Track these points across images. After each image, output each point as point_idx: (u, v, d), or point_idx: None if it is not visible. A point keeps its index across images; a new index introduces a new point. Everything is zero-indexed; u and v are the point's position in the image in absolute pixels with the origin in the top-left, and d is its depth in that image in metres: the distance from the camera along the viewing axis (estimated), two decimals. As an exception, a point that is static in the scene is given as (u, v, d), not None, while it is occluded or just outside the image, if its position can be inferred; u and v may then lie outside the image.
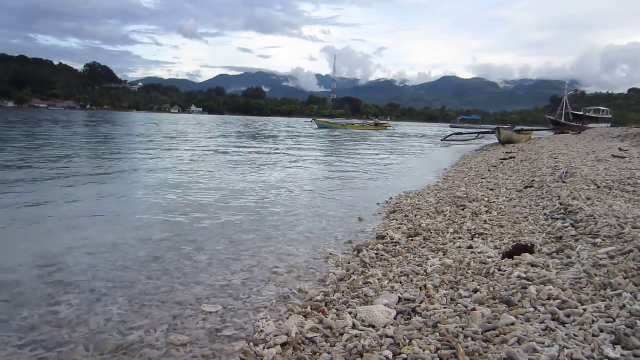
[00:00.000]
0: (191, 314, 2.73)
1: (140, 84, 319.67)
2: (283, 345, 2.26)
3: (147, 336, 2.46)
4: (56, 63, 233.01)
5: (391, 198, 7.18)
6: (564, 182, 6.08)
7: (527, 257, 3.06)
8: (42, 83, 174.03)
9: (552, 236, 3.67)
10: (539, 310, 2.24)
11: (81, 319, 2.71)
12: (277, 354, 2.17)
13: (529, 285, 2.54)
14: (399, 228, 4.81)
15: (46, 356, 2.29)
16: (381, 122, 64.35)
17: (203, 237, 4.72)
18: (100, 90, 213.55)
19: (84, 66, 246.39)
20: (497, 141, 23.14)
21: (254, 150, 18.12)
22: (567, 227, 3.79)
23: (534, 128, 36.47)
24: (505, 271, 2.88)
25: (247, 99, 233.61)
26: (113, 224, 5.13)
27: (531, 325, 2.10)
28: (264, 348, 2.23)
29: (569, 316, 2.11)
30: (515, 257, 3.12)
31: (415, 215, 5.45)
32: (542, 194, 5.61)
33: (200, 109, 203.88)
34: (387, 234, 4.42)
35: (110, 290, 3.18)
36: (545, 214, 4.51)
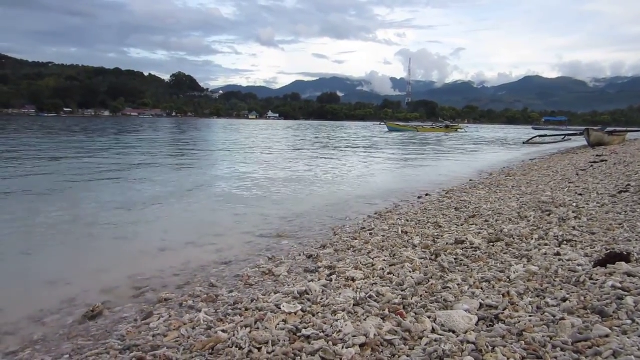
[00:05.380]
0: (271, 317, 2.81)
1: (221, 91, 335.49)
2: (361, 345, 2.27)
3: (232, 337, 2.58)
4: (146, 74, 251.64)
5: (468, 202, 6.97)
6: (665, 187, 5.57)
7: (623, 266, 2.85)
8: (133, 93, 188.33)
9: (652, 244, 3.39)
10: (637, 323, 2.09)
11: (171, 327, 2.93)
12: (355, 354, 2.19)
13: (625, 295, 2.37)
14: (479, 233, 4.66)
15: (143, 356, 2.49)
16: (451, 124, 63.10)
17: (281, 253, 5.01)
18: (185, 99, 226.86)
19: (170, 76, 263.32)
20: (586, 143, 21.67)
21: (325, 158, 18.33)
22: (669, 235, 3.48)
23: (629, 129, 33.62)
24: (597, 280, 2.70)
25: (322, 103, 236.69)
26: (198, 246, 5.51)
27: (628, 338, 1.96)
28: (342, 347, 2.25)
29: (672, 330, 1.95)
30: (608, 265, 2.92)
31: (497, 220, 5.25)
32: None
33: (277, 115, 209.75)
34: (467, 239, 4.29)
35: (197, 304, 3.44)
36: (643, 221, 4.16)
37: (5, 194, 8.65)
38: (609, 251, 3.28)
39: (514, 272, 3.13)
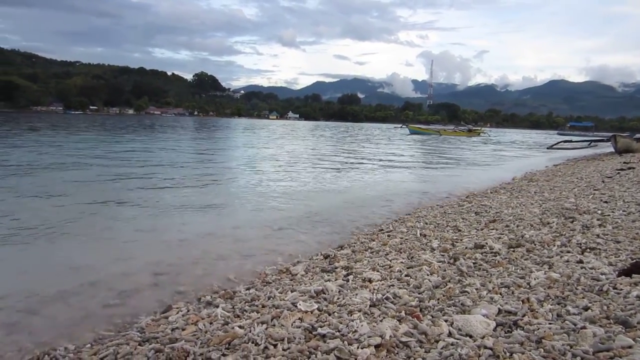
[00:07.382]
0: (288, 315, 2.82)
1: (242, 91, 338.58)
2: (377, 346, 2.26)
3: (248, 333, 2.59)
4: (169, 74, 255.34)
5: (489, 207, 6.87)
6: (695, 196, 5.40)
7: (649, 275, 2.77)
8: (157, 92, 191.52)
9: (680, 254, 3.28)
10: (662, 334, 2.02)
11: (189, 321, 2.97)
12: (370, 354, 2.18)
13: (651, 306, 2.30)
14: (499, 238, 4.59)
15: (161, 348, 2.53)
16: (474, 128, 62.80)
17: (299, 252, 5.08)
18: (206, 98, 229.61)
19: (193, 76, 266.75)
20: (613, 150, 21.15)
21: (345, 160, 18.29)
22: (698, 245, 3.37)
23: (659, 136, 32.68)
24: (621, 290, 2.63)
25: (342, 105, 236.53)
26: (217, 238, 5.65)
27: (653, 349, 1.90)
28: (358, 347, 2.24)
29: (699, 342, 1.88)
30: (633, 275, 2.84)
31: (517, 226, 5.16)
32: (668, 207, 5.03)
33: (297, 115, 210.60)
34: (486, 243, 4.23)
35: (214, 299, 3.49)
36: (671, 230, 4.04)
37: (29, 188, 8.87)
38: (634, 261, 3.20)
39: (535, 279, 3.08)
